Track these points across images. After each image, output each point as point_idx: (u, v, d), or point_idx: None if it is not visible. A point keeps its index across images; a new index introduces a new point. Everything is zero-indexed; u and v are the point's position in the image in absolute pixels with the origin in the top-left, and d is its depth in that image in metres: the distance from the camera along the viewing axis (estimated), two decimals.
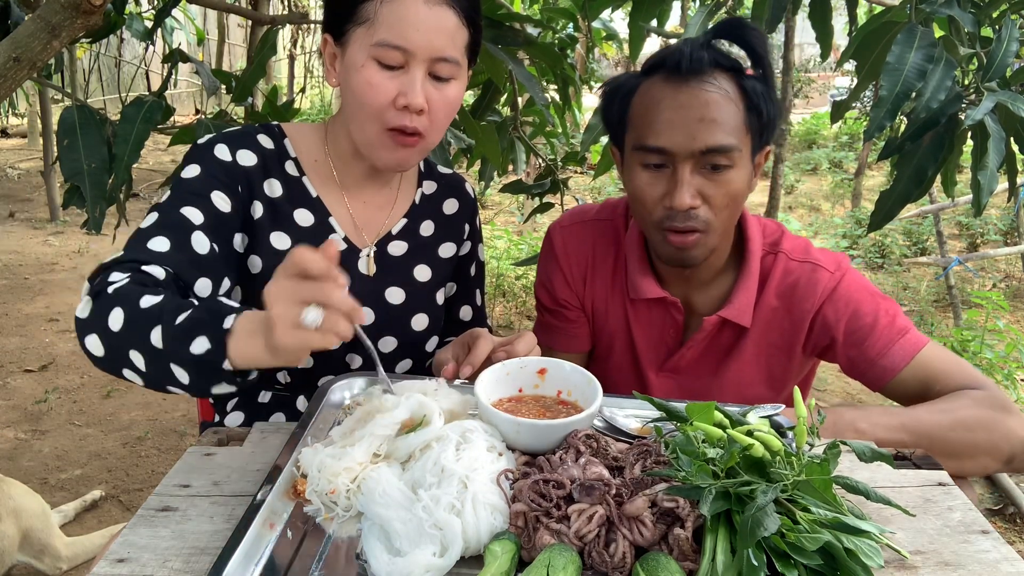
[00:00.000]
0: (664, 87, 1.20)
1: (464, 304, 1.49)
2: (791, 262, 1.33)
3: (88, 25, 1.52)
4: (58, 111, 2.19)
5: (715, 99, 1.17)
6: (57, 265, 5.15)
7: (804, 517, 0.78)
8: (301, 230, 1.26)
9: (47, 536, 2.19)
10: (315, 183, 1.28)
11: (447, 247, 1.41)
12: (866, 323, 1.26)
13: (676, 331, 1.37)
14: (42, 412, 3.20)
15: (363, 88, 1.13)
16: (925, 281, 5.35)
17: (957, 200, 4.22)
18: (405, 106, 1.12)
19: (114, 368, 0.98)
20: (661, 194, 1.21)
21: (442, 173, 1.45)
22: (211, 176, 1.19)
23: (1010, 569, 0.84)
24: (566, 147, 3.29)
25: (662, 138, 1.18)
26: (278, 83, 10.17)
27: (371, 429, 0.92)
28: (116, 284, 0.99)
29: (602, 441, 0.94)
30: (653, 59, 1.25)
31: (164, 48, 3.18)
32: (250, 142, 1.24)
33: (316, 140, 1.30)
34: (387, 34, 1.10)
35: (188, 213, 1.13)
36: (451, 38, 1.14)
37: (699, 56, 1.18)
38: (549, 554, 0.78)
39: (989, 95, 1.57)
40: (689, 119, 1.17)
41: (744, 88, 1.20)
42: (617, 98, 1.28)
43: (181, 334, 0.90)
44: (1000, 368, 3.32)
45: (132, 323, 0.94)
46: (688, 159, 1.18)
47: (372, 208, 1.33)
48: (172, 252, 1.09)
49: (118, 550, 0.84)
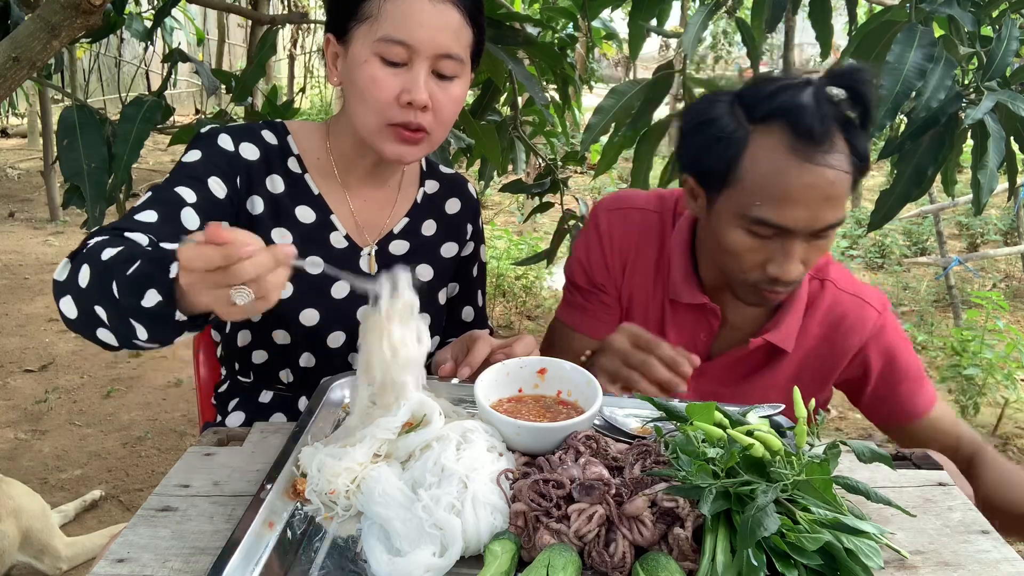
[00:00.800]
0: (790, 159, 1.10)
1: (466, 305, 1.49)
2: (840, 293, 1.34)
3: (88, 25, 1.52)
4: (58, 111, 2.19)
5: (840, 177, 1.11)
6: (57, 265, 5.14)
7: (804, 517, 0.78)
8: (302, 227, 1.26)
9: (47, 536, 2.19)
10: (317, 181, 1.28)
11: (449, 247, 1.41)
12: (902, 367, 1.33)
13: (708, 338, 1.37)
14: (42, 412, 3.20)
15: (366, 84, 1.13)
16: (925, 281, 5.35)
17: (957, 200, 4.22)
18: (409, 103, 1.12)
19: (87, 329, 0.97)
20: (764, 260, 1.17)
21: (444, 173, 1.44)
22: (211, 162, 1.19)
23: (1010, 569, 0.84)
24: (566, 147, 3.29)
25: (786, 218, 1.12)
26: (278, 83, 10.17)
27: (372, 431, 0.92)
28: (90, 244, 0.99)
29: (602, 441, 0.93)
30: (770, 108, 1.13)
31: (164, 48, 3.18)
32: (254, 136, 1.25)
33: (319, 138, 1.30)
34: (391, 29, 1.11)
35: (182, 192, 1.13)
36: (455, 35, 1.14)
37: (828, 124, 1.10)
38: (549, 554, 0.78)
39: (989, 94, 1.57)
40: (814, 199, 1.11)
41: (857, 151, 1.13)
42: (720, 145, 1.16)
43: (132, 286, 0.88)
44: (1000, 368, 3.32)
45: (95, 277, 0.93)
46: (804, 236, 1.14)
47: (374, 207, 1.33)
48: (159, 224, 1.08)
49: (118, 550, 0.84)
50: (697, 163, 1.22)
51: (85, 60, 6.76)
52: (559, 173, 2.71)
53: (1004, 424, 3.48)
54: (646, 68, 7.61)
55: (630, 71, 9.82)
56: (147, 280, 0.88)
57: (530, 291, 4.76)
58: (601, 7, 2.46)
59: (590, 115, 2.10)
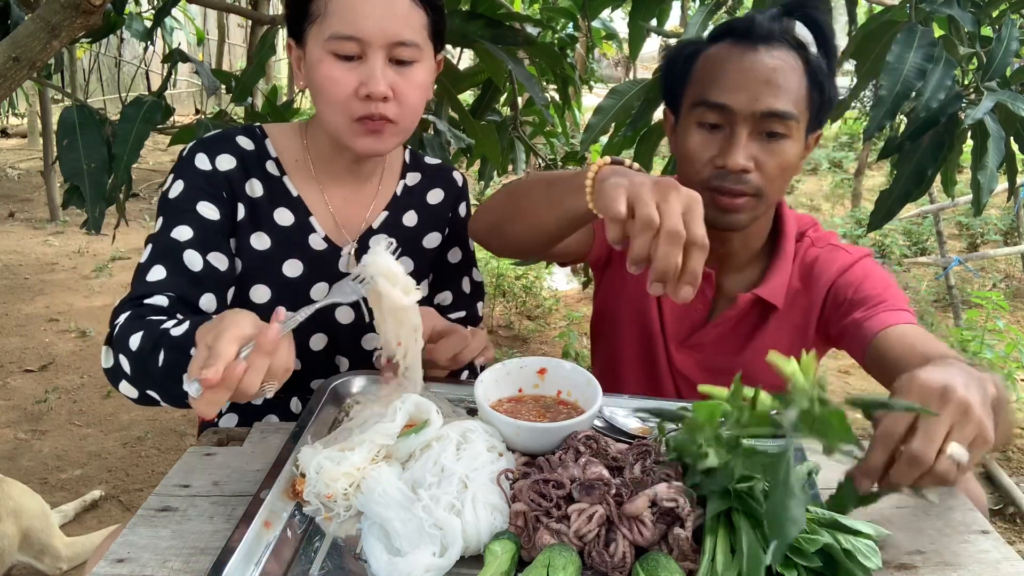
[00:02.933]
0: (732, 49, 1.21)
1: (442, 291, 1.46)
2: (813, 248, 1.36)
3: (88, 25, 1.52)
4: (58, 111, 2.19)
5: (781, 66, 1.19)
6: (57, 265, 5.14)
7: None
8: (281, 230, 1.25)
9: (47, 536, 2.19)
10: (296, 182, 1.28)
11: (432, 237, 1.40)
12: (870, 294, 1.25)
13: (704, 306, 1.37)
14: (42, 412, 3.20)
15: (324, 83, 1.13)
16: (925, 281, 5.35)
17: (957, 200, 4.21)
18: (367, 95, 1.12)
19: (153, 403, 1.02)
20: (713, 154, 1.21)
21: (429, 164, 1.43)
22: (194, 188, 1.19)
23: (1011, 569, 0.84)
24: (566, 147, 3.29)
25: (724, 95, 1.19)
26: (278, 83, 10.16)
27: (371, 436, 0.92)
28: (118, 325, 1.04)
29: (602, 441, 0.94)
30: (721, 27, 1.26)
31: (164, 48, 3.18)
32: (228, 146, 1.24)
33: (297, 139, 1.29)
34: (338, 26, 1.10)
35: (177, 233, 1.15)
36: (405, 20, 1.13)
37: (770, 26, 1.21)
38: (549, 554, 0.78)
39: (989, 95, 1.57)
40: (754, 80, 1.18)
41: (809, 63, 1.21)
42: (680, 59, 1.28)
43: (169, 381, 0.94)
44: (1000, 368, 3.32)
45: (134, 366, 0.99)
46: (747, 121, 1.18)
47: (353, 204, 1.32)
48: (169, 278, 1.12)
49: (118, 550, 0.84)
50: (666, 90, 1.34)
51: (85, 60, 6.75)
52: None
53: None
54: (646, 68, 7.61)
55: (630, 71, 9.82)
56: (177, 369, 0.92)
57: (530, 291, 4.76)
58: (601, 7, 2.46)
59: (590, 115, 2.10)
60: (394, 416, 0.94)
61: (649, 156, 2.19)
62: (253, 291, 1.25)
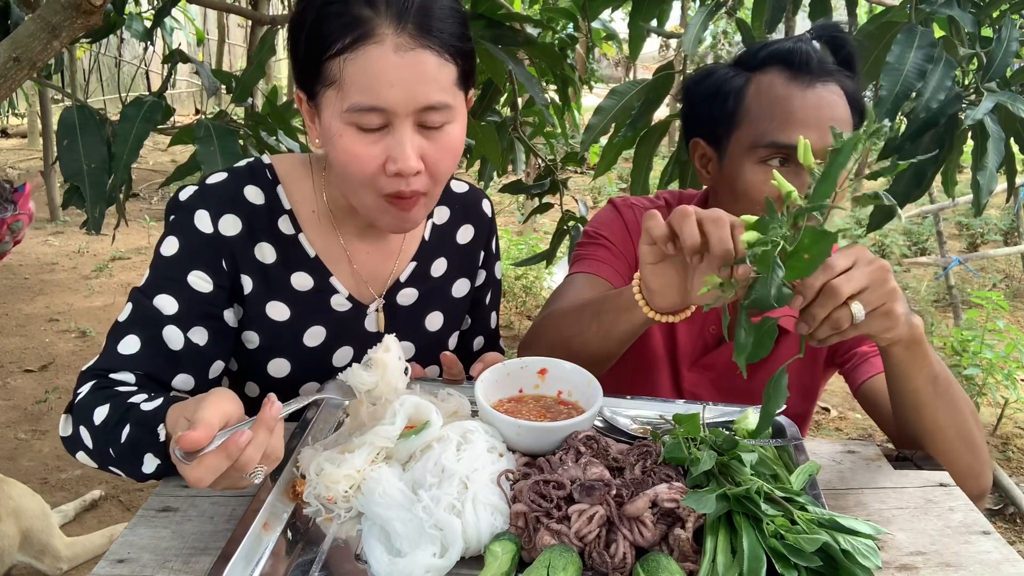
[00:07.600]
0: (791, 86, 1.20)
1: (478, 336, 1.40)
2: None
3: (88, 25, 1.52)
4: (58, 111, 2.19)
5: (837, 101, 1.20)
6: (57, 265, 5.14)
7: (802, 516, 0.79)
8: (300, 296, 1.16)
9: (47, 536, 2.19)
10: (313, 239, 1.16)
11: (461, 284, 1.30)
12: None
13: (717, 327, 1.37)
14: (42, 412, 3.20)
15: (346, 159, 1.00)
16: (925, 281, 5.35)
17: (957, 200, 4.21)
18: (397, 172, 0.99)
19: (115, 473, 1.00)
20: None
21: (457, 193, 1.30)
22: (189, 253, 1.08)
23: (1011, 570, 0.84)
24: (565, 147, 3.29)
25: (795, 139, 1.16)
26: (278, 83, 10.16)
27: (371, 438, 0.92)
28: (79, 396, 1.01)
29: (602, 441, 0.93)
30: (765, 54, 1.24)
31: (164, 48, 3.18)
32: (236, 205, 1.11)
33: (310, 183, 1.17)
34: (359, 96, 0.96)
35: (161, 303, 1.06)
36: (434, 82, 0.97)
37: (821, 58, 1.21)
38: (549, 554, 0.78)
39: (989, 95, 1.57)
40: (822, 120, 1.17)
41: (851, 94, 1.22)
42: (724, 91, 1.25)
43: (131, 456, 0.93)
44: (1000, 368, 3.32)
45: (95, 440, 0.97)
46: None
47: (378, 257, 1.21)
48: (143, 351, 1.04)
49: (118, 550, 0.84)
50: (705, 118, 1.30)
51: (85, 60, 6.76)
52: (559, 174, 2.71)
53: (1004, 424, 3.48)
54: (646, 68, 7.60)
55: (630, 71, 9.82)
56: (141, 447, 0.91)
57: (530, 291, 4.77)
58: (601, 7, 2.46)
59: (590, 115, 2.10)
60: (393, 418, 0.94)
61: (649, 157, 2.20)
62: (272, 365, 1.17)
